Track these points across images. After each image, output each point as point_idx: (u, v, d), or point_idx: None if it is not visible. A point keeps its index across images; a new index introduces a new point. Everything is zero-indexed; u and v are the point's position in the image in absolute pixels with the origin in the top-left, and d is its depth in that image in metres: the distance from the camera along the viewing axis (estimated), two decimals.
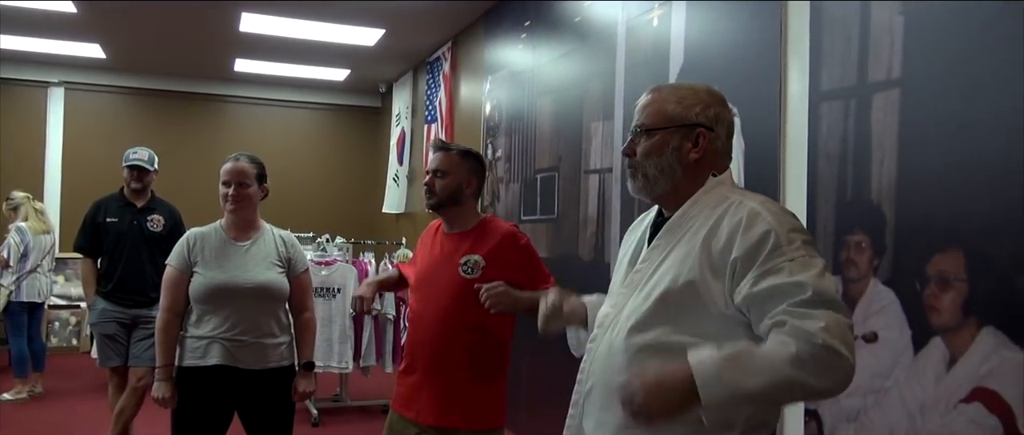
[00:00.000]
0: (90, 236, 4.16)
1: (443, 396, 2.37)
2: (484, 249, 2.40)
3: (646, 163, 1.51)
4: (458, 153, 2.49)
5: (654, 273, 1.47)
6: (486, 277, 2.36)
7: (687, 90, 1.54)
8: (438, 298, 2.40)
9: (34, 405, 5.45)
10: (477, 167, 2.52)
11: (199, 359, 2.65)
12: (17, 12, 5.84)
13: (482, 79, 5.53)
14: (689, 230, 1.46)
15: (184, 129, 8.20)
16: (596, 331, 1.57)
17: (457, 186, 2.45)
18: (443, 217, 2.53)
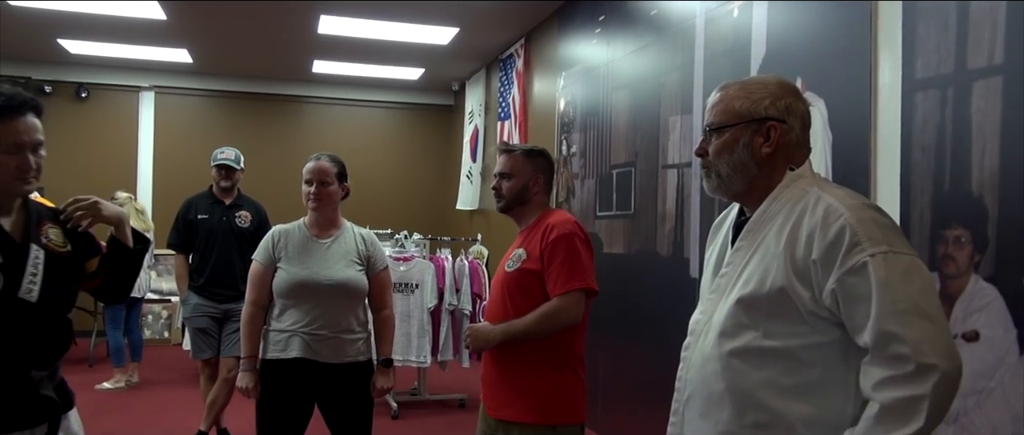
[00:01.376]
0: (182, 233, 4.35)
1: (501, 390, 2.39)
2: (529, 242, 2.42)
3: (718, 162, 1.49)
4: (522, 153, 2.50)
5: (739, 277, 1.45)
6: (523, 269, 2.36)
7: (755, 84, 1.51)
8: (496, 294, 2.46)
9: (131, 394, 5.72)
10: (543, 164, 2.52)
11: (281, 352, 2.73)
12: (112, 21, 6.14)
13: (556, 75, 5.53)
14: (770, 230, 1.43)
15: (265, 129, 8.47)
16: (690, 339, 1.56)
17: (523, 187, 2.46)
18: (512, 218, 2.55)
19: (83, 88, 7.91)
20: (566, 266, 2.32)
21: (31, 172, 1.86)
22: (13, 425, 1.83)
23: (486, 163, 7.31)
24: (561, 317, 2.30)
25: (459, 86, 8.37)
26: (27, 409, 1.85)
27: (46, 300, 1.88)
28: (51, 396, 1.91)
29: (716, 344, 1.45)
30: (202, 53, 7.32)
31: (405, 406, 5.37)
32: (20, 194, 1.91)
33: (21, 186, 1.87)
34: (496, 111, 6.91)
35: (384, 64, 7.57)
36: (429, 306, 5.14)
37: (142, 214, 6.21)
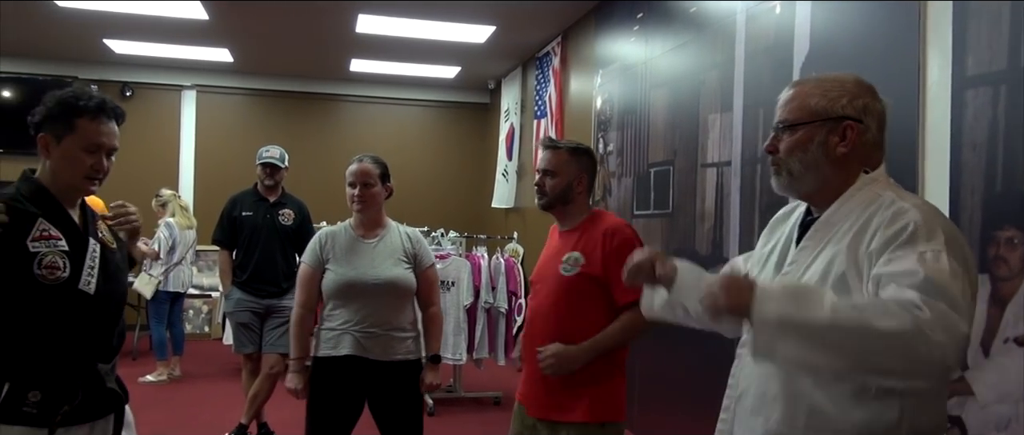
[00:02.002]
0: (227, 229, 4.42)
1: (549, 389, 2.38)
2: (584, 245, 2.39)
3: (790, 160, 1.47)
4: (567, 151, 2.47)
5: (802, 276, 1.43)
6: (582, 273, 2.35)
7: (832, 81, 1.48)
8: (545, 296, 2.42)
9: (173, 387, 5.84)
10: (588, 163, 2.50)
11: (332, 349, 2.77)
12: (155, 22, 6.26)
13: (593, 73, 5.51)
14: (838, 231, 1.41)
15: (303, 127, 8.57)
16: (746, 336, 1.54)
17: (567, 185, 2.44)
18: (555, 216, 2.53)
19: (128, 87, 8.08)
20: None
21: (101, 174, 1.94)
22: (84, 416, 1.89)
23: (522, 161, 7.32)
24: (639, 326, 2.30)
25: (495, 84, 8.39)
26: (96, 401, 1.91)
27: (102, 293, 1.94)
28: (115, 389, 1.97)
29: None
30: (242, 52, 7.43)
31: (441, 403, 5.40)
32: (86, 193, 1.98)
33: (89, 185, 1.95)
34: (532, 109, 6.91)
35: (420, 63, 7.62)
36: (465, 304, 5.16)
37: (186, 211, 6.33)
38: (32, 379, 1.83)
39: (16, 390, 1.81)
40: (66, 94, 1.92)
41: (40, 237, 1.85)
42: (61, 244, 1.87)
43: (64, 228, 1.90)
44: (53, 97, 1.93)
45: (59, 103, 1.90)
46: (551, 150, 2.47)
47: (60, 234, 1.88)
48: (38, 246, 1.84)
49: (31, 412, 1.81)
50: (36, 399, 1.82)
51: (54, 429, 1.82)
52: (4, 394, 1.81)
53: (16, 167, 7.44)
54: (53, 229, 1.87)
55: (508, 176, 7.61)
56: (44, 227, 1.86)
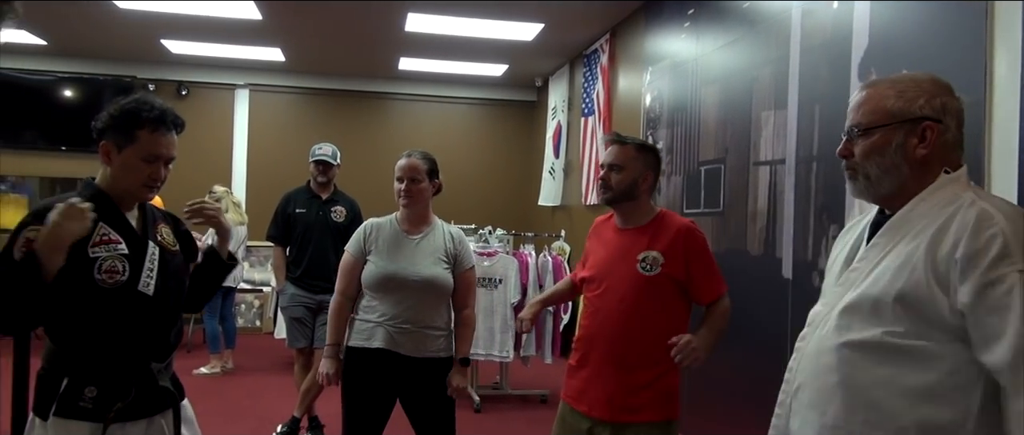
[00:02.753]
0: (281, 226, 4.50)
1: (618, 391, 2.37)
2: (661, 245, 2.38)
3: (867, 164, 1.43)
4: (634, 147, 2.46)
5: (871, 272, 1.40)
6: (664, 273, 2.35)
7: (907, 82, 1.43)
8: (617, 294, 2.39)
9: (226, 379, 5.97)
10: (653, 161, 2.49)
11: (365, 341, 2.79)
12: (211, 22, 6.40)
13: (642, 70, 5.47)
14: (913, 229, 1.37)
15: (353, 125, 8.68)
16: (806, 330, 1.52)
17: (633, 181, 2.42)
18: (617, 212, 2.51)
19: (183, 86, 8.28)
20: (714, 270, 2.43)
21: (158, 182, 1.99)
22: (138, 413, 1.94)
23: (568, 159, 7.30)
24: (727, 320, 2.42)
25: (542, 82, 8.38)
26: (148, 399, 1.97)
27: (161, 294, 1.99)
28: (168, 387, 2.02)
29: (834, 335, 1.41)
30: (294, 51, 7.55)
31: (487, 400, 5.42)
32: (143, 200, 2.04)
33: (145, 192, 2.00)
34: (579, 107, 6.88)
35: (468, 60, 7.65)
36: (512, 301, 5.17)
37: (238, 207, 6.47)
38: (89, 375, 1.89)
39: (74, 385, 1.87)
40: (129, 104, 1.96)
41: (100, 242, 1.90)
42: (120, 248, 1.92)
43: (123, 232, 1.95)
44: (117, 106, 1.97)
45: (122, 113, 1.95)
46: (618, 145, 2.46)
47: (120, 238, 1.93)
48: (98, 251, 1.89)
49: (87, 407, 1.87)
50: (92, 395, 1.87)
51: (108, 424, 1.88)
52: (63, 389, 1.87)
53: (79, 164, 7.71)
54: (113, 233, 1.92)
55: (554, 174, 7.60)
56: (104, 232, 1.91)
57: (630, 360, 2.37)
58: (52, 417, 1.86)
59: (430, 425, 2.84)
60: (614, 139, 2.50)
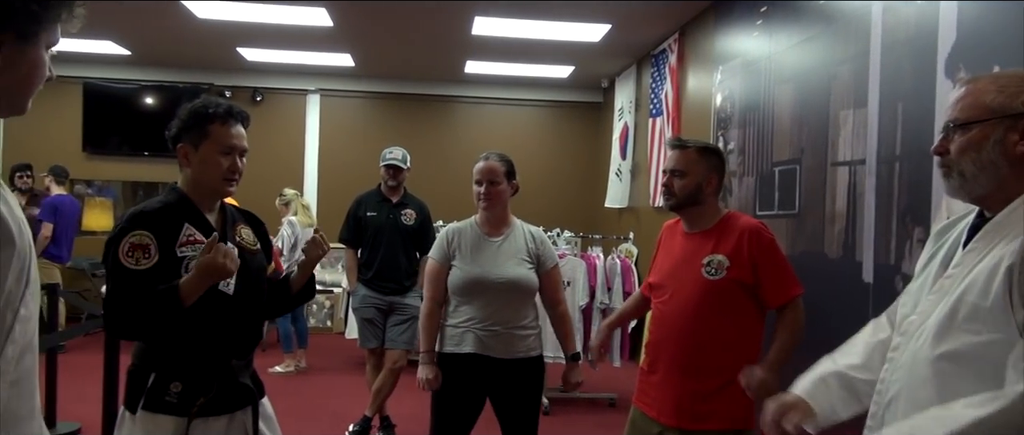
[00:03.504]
0: (352, 229, 4.59)
1: (687, 397, 2.33)
2: (727, 248, 2.33)
3: (962, 161, 1.37)
4: (696, 150, 2.42)
5: (965, 278, 1.34)
6: (731, 277, 2.30)
7: (1009, 77, 1.37)
8: (682, 300, 2.36)
9: (300, 378, 6.12)
10: (717, 163, 2.45)
11: (455, 346, 2.82)
12: (284, 30, 6.57)
13: (712, 70, 5.38)
14: (1011, 233, 1.31)
15: (420, 128, 8.79)
16: (899, 339, 1.46)
17: (696, 185, 2.39)
18: (683, 217, 2.48)
19: (258, 92, 8.53)
20: (784, 272, 2.35)
21: (237, 174, 2.06)
22: (220, 408, 2.01)
23: (636, 160, 7.23)
24: (802, 321, 2.30)
25: (608, 83, 8.33)
26: (229, 395, 2.03)
27: (240, 294, 2.05)
28: (248, 384, 2.08)
29: (930, 347, 1.35)
30: (363, 57, 7.69)
31: (555, 403, 5.41)
32: (224, 194, 2.11)
33: (226, 186, 2.07)
34: (647, 107, 6.81)
35: (534, 63, 7.66)
36: (581, 304, 5.15)
37: (307, 209, 6.62)
38: (174, 371, 1.96)
39: (160, 380, 1.95)
40: (196, 104, 2.06)
41: (186, 242, 1.98)
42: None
43: (204, 233, 2.02)
44: (185, 109, 2.07)
45: (192, 113, 2.04)
46: (679, 150, 2.43)
47: (203, 238, 2.00)
48: (185, 251, 1.97)
49: (172, 401, 1.95)
50: (177, 390, 1.95)
51: (192, 419, 1.95)
52: (150, 384, 1.95)
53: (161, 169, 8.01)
54: (197, 233, 2.00)
55: (622, 175, 7.54)
56: (190, 232, 1.99)
57: (698, 367, 2.33)
58: (140, 411, 1.94)
59: (518, 425, 2.88)
60: (674, 144, 2.48)
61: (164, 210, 2.01)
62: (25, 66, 1.12)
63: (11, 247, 1.04)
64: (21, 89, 1.14)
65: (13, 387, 1.06)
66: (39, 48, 1.13)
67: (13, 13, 1.07)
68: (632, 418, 2.53)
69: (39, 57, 1.14)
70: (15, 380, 1.06)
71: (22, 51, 1.11)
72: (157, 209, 2.00)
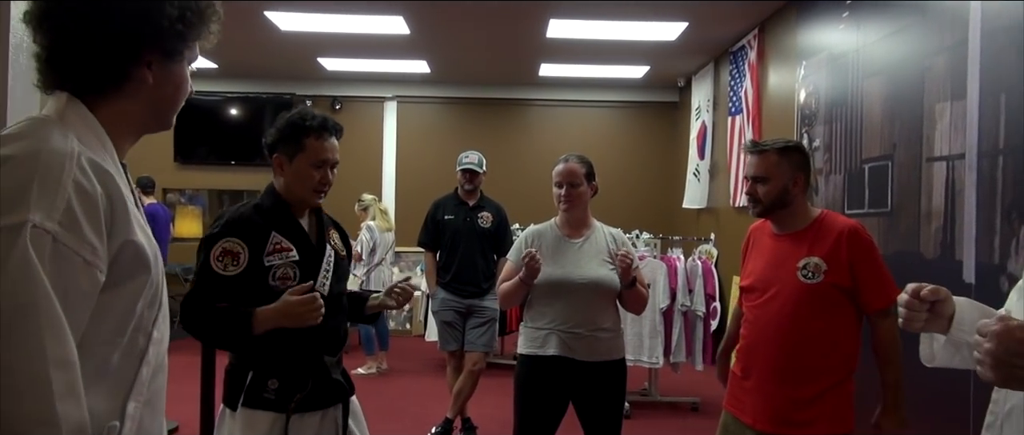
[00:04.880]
0: (431, 232, 4.65)
1: (785, 404, 2.26)
2: (823, 250, 2.25)
3: None
4: (776, 152, 2.33)
5: None
6: (828, 281, 2.22)
7: None
8: (778, 305, 2.29)
9: (382, 380, 6.23)
10: (801, 161, 2.36)
11: (538, 348, 2.81)
12: (362, 39, 6.72)
13: (794, 65, 5.22)
14: None
15: (496, 132, 8.83)
16: None
17: (782, 189, 2.31)
18: (772, 219, 2.40)
19: (337, 101, 8.74)
20: (884, 275, 2.26)
21: (327, 186, 2.13)
22: (314, 404, 2.07)
23: (714, 160, 7.09)
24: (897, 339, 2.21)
25: (685, 82, 8.19)
26: (323, 391, 2.09)
27: (333, 294, 2.11)
28: (340, 380, 2.13)
29: None
30: (439, 63, 7.79)
31: (636, 406, 5.34)
32: (313, 205, 2.18)
33: (316, 197, 2.14)
34: (726, 106, 6.67)
35: (609, 63, 7.60)
36: (661, 306, 5.07)
37: (385, 214, 6.73)
38: (271, 369, 2.03)
39: (258, 378, 2.02)
40: (293, 116, 2.12)
41: (273, 250, 2.05)
42: (292, 255, 2.06)
43: (296, 238, 2.08)
44: (283, 120, 2.13)
45: (288, 125, 2.11)
46: (758, 154, 2.35)
47: (292, 245, 2.06)
48: (272, 259, 2.04)
49: (270, 398, 2.01)
50: (274, 387, 2.01)
51: (289, 415, 2.00)
52: (248, 381, 2.02)
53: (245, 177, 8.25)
54: (285, 241, 2.06)
55: (700, 176, 7.40)
56: (277, 241, 2.06)
57: (795, 373, 2.26)
58: (240, 408, 2.01)
59: (601, 428, 2.85)
60: (752, 148, 2.39)
61: (258, 216, 2.08)
62: (171, 83, 1.18)
63: (146, 274, 1.09)
64: (168, 105, 1.20)
65: (146, 406, 1.11)
66: (183, 65, 1.19)
67: (161, 33, 1.12)
68: (724, 423, 2.48)
69: (183, 74, 1.20)
70: (148, 400, 1.11)
71: (169, 69, 1.16)
72: (252, 215, 2.08)
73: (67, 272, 0.96)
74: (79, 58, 1.08)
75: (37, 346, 0.91)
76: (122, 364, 1.07)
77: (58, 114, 1.08)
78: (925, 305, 1.43)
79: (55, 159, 0.98)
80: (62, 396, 0.92)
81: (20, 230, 0.92)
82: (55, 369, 0.92)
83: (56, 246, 0.95)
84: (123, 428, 1.06)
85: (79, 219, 0.97)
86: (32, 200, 0.94)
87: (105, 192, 1.02)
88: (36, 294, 0.92)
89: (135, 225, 1.07)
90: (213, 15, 1.20)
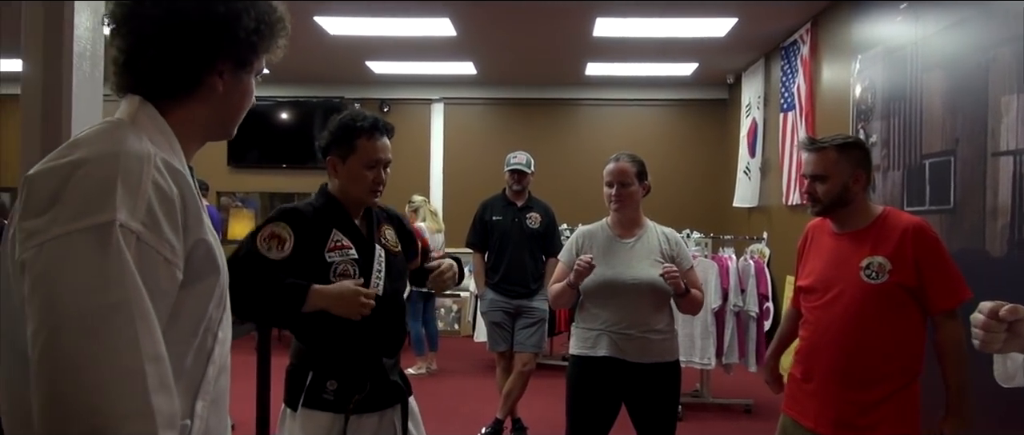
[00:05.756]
0: (479, 233, 4.65)
1: (848, 407, 2.20)
2: (887, 249, 2.18)
3: None
4: (835, 149, 2.27)
5: None
6: (893, 281, 2.15)
7: None
8: (841, 306, 2.23)
9: (432, 380, 6.26)
10: (861, 157, 2.29)
11: (589, 349, 2.79)
12: (410, 42, 6.77)
13: (849, 60, 5.09)
14: None
15: (543, 132, 8.81)
16: None
17: (842, 186, 2.24)
18: (832, 219, 2.34)
19: (385, 103, 8.83)
20: (952, 273, 2.18)
21: (381, 185, 2.14)
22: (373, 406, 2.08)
23: (766, 157, 6.96)
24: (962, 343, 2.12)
25: (734, 78, 8.07)
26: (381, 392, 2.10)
27: (388, 293, 2.12)
28: (398, 381, 2.14)
29: None
30: (485, 64, 7.81)
31: (687, 408, 5.27)
32: (368, 204, 2.19)
33: (371, 197, 2.15)
34: (777, 102, 6.54)
35: (656, 61, 7.52)
36: (713, 307, 4.99)
37: (435, 215, 6.78)
38: (330, 370, 2.04)
39: (318, 379, 2.04)
40: (345, 118, 2.14)
41: (334, 247, 2.07)
42: (351, 253, 2.08)
43: (352, 237, 2.10)
44: (334, 122, 2.15)
45: (340, 127, 2.12)
46: (817, 152, 2.28)
47: (350, 243, 2.08)
48: (333, 256, 2.05)
49: (329, 399, 2.03)
50: (333, 388, 2.03)
51: (348, 416, 2.02)
52: (309, 382, 2.03)
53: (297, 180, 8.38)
54: (344, 239, 2.08)
55: (750, 174, 7.27)
56: (337, 238, 2.07)
57: (859, 376, 2.19)
58: (301, 408, 2.03)
59: (655, 431, 2.81)
60: (809, 146, 2.31)
61: (314, 213, 2.10)
62: (238, 92, 1.20)
63: (216, 274, 1.11)
64: (234, 114, 1.23)
65: (213, 405, 1.13)
66: (251, 76, 1.21)
67: (236, 43, 1.14)
68: (783, 426, 2.42)
69: (250, 84, 1.22)
70: (214, 398, 1.13)
71: (238, 78, 1.18)
72: (308, 210, 2.10)
73: (150, 271, 0.98)
74: (155, 63, 1.11)
75: (132, 341, 0.93)
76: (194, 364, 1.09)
77: (131, 117, 1.10)
78: (1003, 325, 1.36)
79: (134, 160, 1.00)
80: (156, 389, 0.94)
81: (109, 229, 0.94)
82: (149, 363, 0.94)
83: (140, 245, 0.97)
84: (193, 427, 1.08)
85: (159, 218, 1.00)
86: (117, 200, 0.96)
87: (179, 192, 1.04)
88: (129, 290, 0.94)
89: (205, 225, 1.09)
90: (282, 29, 1.22)
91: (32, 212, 0.97)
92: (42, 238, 0.94)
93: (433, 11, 5.87)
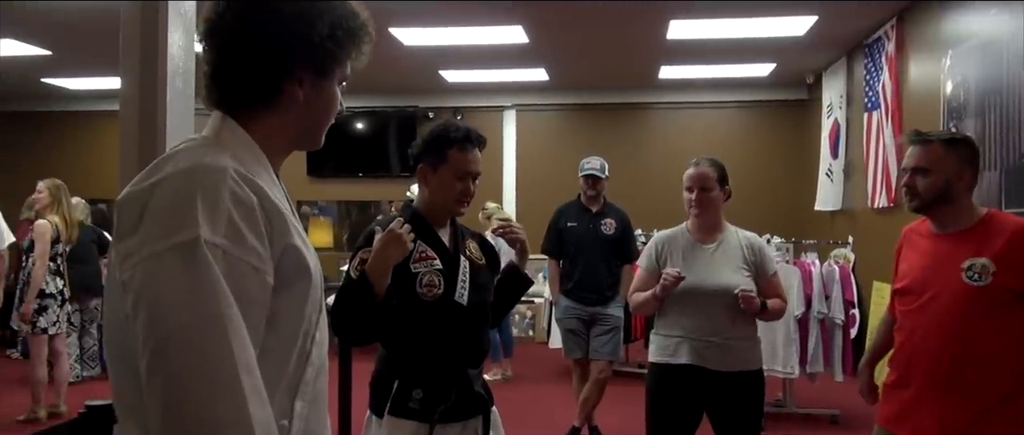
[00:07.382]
0: (554, 240, 4.64)
1: (952, 416, 2.09)
2: (992, 251, 2.07)
3: None
4: (941, 144, 2.17)
5: None
6: (998, 283, 2.04)
7: None
8: (939, 308, 2.13)
9: (508, 386, 6.26)
10: (968, 155, 2.18)
11: (669, 357, 2.74)
12: (482, 50, 6.83)
13: (939, 55, 4.87)
14: None
15: (616, 137, 8.74)
16: None
17: (945, 183, 2.14)
18: (932, 217, 2.24)
19: (458, 111, 8.92)
20: None
21: (469, 197, 2.16)
22: (456, 415, 2.09)
23: (849, 159, 6.73)
24: None
25: (814, 78, 7.83)
26: (465, 402, 2.11)
27: (472, 305, 2.13)
28: (481, 392, 2.15)
29: None
30: (557, 69, 7.80)
31: (770, 418, 5.10)
32: (456, 214, 2.21)
33: (458, 208, 2.18)
34: (861, 102, 6.31)
35: (732, 63, 7.37)
36: (796, 314, 4.84)
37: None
38: (415, 379, 2.06)
39: (403, 388, 2.06)
40: (438, 129, 2.18)
41: (419, 259, 2.09)
42: (436, 263, 2.10)
43: (436, 249, 2.12)
44: (429, 131, 2.19)
45: (433, 137, 2.16)
46: (922, 145, 2.19)
47: (435, 254, 2.10)
48: (418, 267, 2.08)
49: (415, 408, 2.04)
50: (419, 397, 2.05)
51: (433, 425, 2.03)
52: (394, 391, 2.06)
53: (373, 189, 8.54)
54: (429, 250, 2.10)
55: (833, 176, 7.04)
56: (422, 249, 2.10)
57: (964, 382, 2.08)
58: (386, 416, 2.05)
59: None
60: (914, 139, 2.23)
61: None
62: (321, 100, 1.21)
63: (308, 277, 1.13)
64: (318, 123, 1.23)
65: (312, 405, 1.16)
66: (333, 83, 1.22)
67: (313, 50, 1.16)
68: None
69: (334, 92, 1.22)
70: (313, 398, 1.16)
71: (320, 86, 1.19)
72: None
73: (240, 281, 1.01)
74: (235, 74, 1.14)
75: (227, 352, 0.96)
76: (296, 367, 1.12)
77: (214, 133, 1.14)
78: None
79: (210, 175, 1.03)
80: (251, 398, 0.97)
81: (195, 246, 0.98)
82: (244, 373, 0.97)
83: (227, 258, 1.00)
84: (292, 427, 1.11)
85: (241, 229, 1.02)
86: (198, 216, 0.99)
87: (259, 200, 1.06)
88: (221, 304, 0.98)
89: (293, 231, 1.11)
90: (365, 35, 1.22)
91: (124, 234, 1.02)
92: (136, 259, 0.99)
93: (506, 19, 5.91)
